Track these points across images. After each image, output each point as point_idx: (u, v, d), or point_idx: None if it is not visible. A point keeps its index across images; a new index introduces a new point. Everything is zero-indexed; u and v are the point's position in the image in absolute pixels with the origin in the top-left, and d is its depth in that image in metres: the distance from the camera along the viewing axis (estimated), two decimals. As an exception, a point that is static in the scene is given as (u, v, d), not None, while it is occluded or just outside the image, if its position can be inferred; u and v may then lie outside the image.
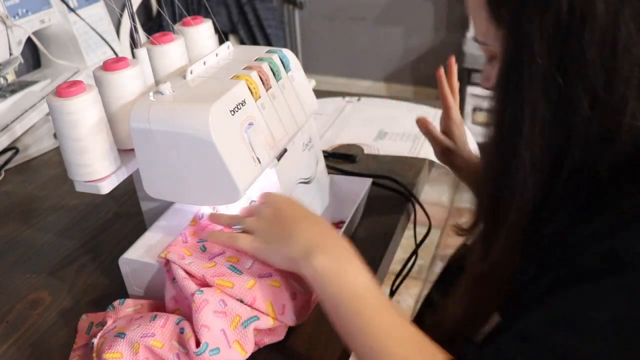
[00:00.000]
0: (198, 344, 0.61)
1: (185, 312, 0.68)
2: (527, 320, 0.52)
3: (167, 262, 0.70)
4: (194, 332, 0.62)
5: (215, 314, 0.63)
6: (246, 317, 0.64)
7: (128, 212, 0.97)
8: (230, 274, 0.67)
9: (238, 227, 0.70)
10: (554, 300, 0.51)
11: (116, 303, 0.71)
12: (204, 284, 0.67)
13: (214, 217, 0.74)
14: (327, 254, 0.60)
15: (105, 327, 0.67)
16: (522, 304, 0.57)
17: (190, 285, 0.66)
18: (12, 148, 1.16)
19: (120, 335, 0.63)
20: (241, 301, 0.65)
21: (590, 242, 0.51)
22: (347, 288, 0.58)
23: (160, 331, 0.64)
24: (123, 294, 0.76)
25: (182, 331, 0.63)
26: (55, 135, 1.05)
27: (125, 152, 0.73)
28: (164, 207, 0.83)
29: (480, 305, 0.62)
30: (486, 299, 0.61)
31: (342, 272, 0.59)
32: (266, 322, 0.65)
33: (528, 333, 0.51)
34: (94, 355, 0.63)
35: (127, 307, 0.71)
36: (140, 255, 0.74)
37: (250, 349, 0.64)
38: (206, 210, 0.79)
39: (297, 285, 0.68)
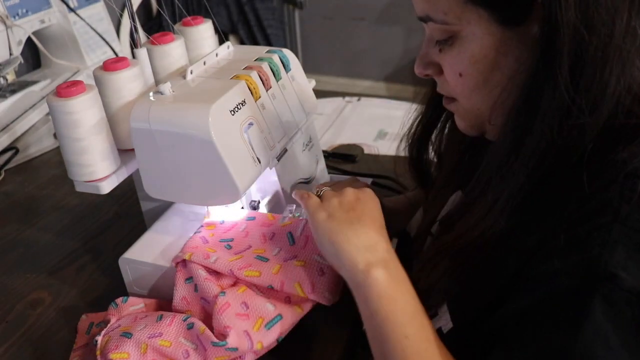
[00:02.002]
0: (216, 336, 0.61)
1: (197, 312, 0.67)
2: (508, 353, 0.50)
3: (181, 262, 0.69)
4: (213, 329, 0.62)
5: (237, 317, 0.62)
6: (269, 318, 0.63)
7: (128, 212, 0.97)
8: (256, 263, 0.67)
9: (315, 191, 0.66)
10: (533, 330, 0.49)
11: (119, 300, 0.71)
12: (231, 278, 0.67)
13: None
14: (387, 270, 0.57)
15: (109, 325, 0.66)
16: (475, 312, 0.56)
17: (212, 287, 0.65)
18: (12, 148, 1.16)
19: (127, 335, 0.63)
20: (271, 287, 0.64)
21: (560, 252, 0.49)
22: (399, 310, 0.55)
23: (167, 330, 0.63)
24: (123, 294, 0.76)
25: (190, 326, 0.63)
26: (55, 135, 1.05)
27: (125, 152, 0.73)
28: (164, 207, 0.83)
29: (432, 286, 0.60)
30: (440, 278, 0.60)
31: (398, 292, 0.56)
32: (291, 318, 0.64)
33: None
34: (98, 353, 0.63)
35: (130, 305, 0.71)
36: (140, 255, 0.74)
37: (269, 347, 0.64)
38: (216, 216, 0.79)
39: (322, 260, 0.65)
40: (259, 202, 0.78)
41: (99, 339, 0.64)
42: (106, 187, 0.70)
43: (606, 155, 0.51)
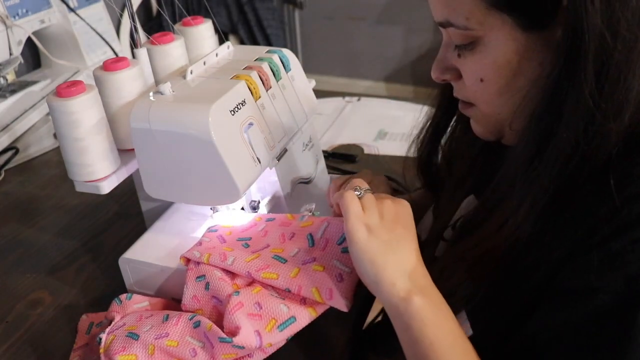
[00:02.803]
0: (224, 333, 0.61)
1: (209, 311, 0.66)
2: None
3: (190, 261, 0.69)
4: (223, 328, 0.61)
5: (249, 317, 0.62)
6: (283, 319, 0.62)
7: (128, 212, 0.97)
8: (274, 264, 0.66)
9: (358, 192, 0.62)
10: (574, 348, 0.49)
11: (123, 297, 0.71)
12: (249, 279, 0.66)
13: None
14: (428, 297, 0.55)
15: (113, 322, 0.66)
16: (496, 320, 0.56)
17: (225, 287, 0.65)
18: (12, 148, 1.16)
19: (133, 336, 0.63)
20: (288, 291, 0.63)
21: (595, 267, 0.49)
22: (442, 337, 0.53)
23: (173, 330, 0.63)
24: (123, 293, 0.76)
25: (196, 325, 0.63)
26: (55, 135, 1.05)
27: (125, 152, 0.73)
28: (164, 207, 0.83)
29: (450, 292, 0.58)
30: (457, 284, 0.59)
31: (440, 318, 0.54)
32: (304, 321, 0.63)
33: None
34: (102, 351, 0.63)
35: (134, 302, 0.70)
36: (140, 255, 0.74)
37: (278, 346, 0.63)
38: (221, 219, 0.78)
39: (342, 265, 0.64)
40: (259, 202, 0.78)
41: (103, 336, 0.64)
42: (106, 187, 0.70)
43: (630, 163, 0.50)
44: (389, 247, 0.57)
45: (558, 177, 0.52)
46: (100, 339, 0.64)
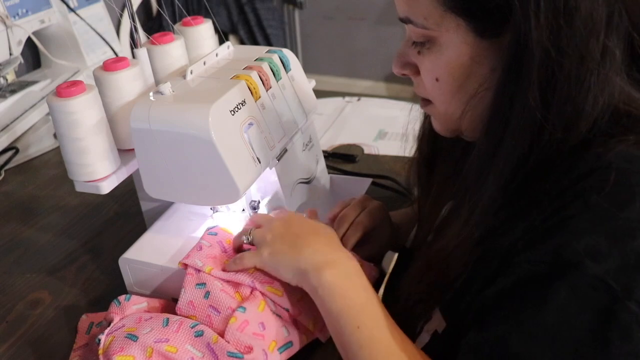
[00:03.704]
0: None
1: (202, 319, 0.66)
2: (479, 333, 0.51)
3: (189, 265, 0.69)
4: (229, 342, 0.62)
5: (253, 336, 0.63)
6: (282, 342, 0.64)
7: (128, 212, 0.97)
8: (279, 281, 0.66)
9: (245, 238, 0.69)
10: (502, 311, 0.50)
11: (122, 298, 0.70)
12: (248, 287, 0.66)
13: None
14: (336, 269, 0.61)
15: (112, 324, 0.66)
16: (466, 310, 0.57)
17: (227, 300, 0.65)
18: (12, 148, 1.16)
19: (132, 337, 0.62)
20: (287, 310, 0.65)
21: (532, 242, 0.50)
22: (351, 303, 0.58)
23: (174, 336, 0.63)
24: (123, 293, 0.76)
25: (198, 334, 0.63)
26: (55, 135, 1.05)
27: (125, 152, 0.73)
28: (164, 207, 0.83)
29: (425, 292, 0.61)
30: (431, 284, 0.61)
31: (348, 287, 0.59)
32: (297, 346, 0.65)
33: (481, 347, 0.50)
34: (100, 352, 0.63)
35: (133, 303, 0.70)
36: (140, 255, 0.74)
37: None
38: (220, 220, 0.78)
39: None
40: (259, 202, 0.78)
41: (102, 337, 0.64)
42: (106, 187, 0.70)
43: (580, 154, 0.51)
44: (291, 248, 0.64)
45: (507, 184, 0.53)
46: (100, 340, 0.64)
